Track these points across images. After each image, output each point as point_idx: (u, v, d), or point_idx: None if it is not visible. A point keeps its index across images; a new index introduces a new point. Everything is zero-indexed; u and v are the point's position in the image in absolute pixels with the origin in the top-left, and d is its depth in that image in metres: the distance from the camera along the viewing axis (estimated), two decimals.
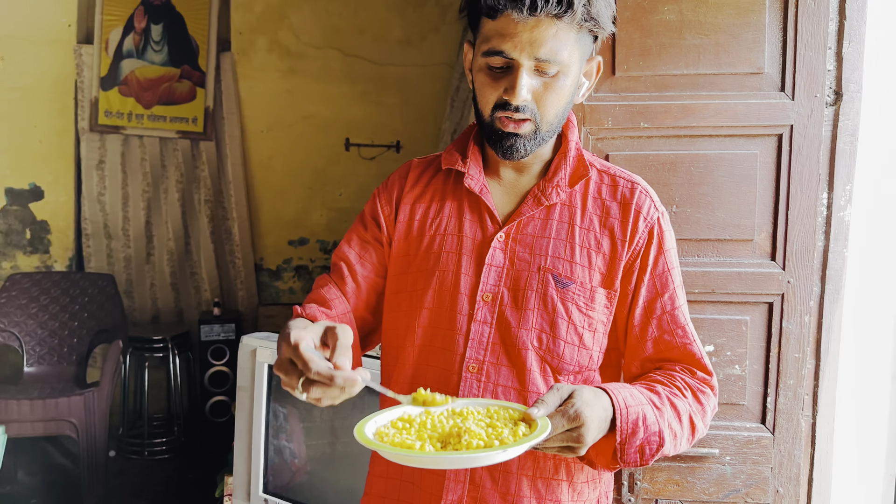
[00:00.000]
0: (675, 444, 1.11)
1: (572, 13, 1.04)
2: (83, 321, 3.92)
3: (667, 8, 1.71)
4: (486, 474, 1.15)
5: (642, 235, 1.17)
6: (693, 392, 1.16)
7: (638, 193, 1.19)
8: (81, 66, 4.27)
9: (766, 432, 1.78)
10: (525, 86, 1.08)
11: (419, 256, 1.23)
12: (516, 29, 1.05)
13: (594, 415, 0.99)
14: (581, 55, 1.11)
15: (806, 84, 1.69)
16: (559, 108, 1.12)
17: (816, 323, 1.76)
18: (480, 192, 1.20)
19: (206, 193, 4.50)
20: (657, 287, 1.18)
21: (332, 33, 4.55)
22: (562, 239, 1.17)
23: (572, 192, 1.19)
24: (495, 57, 1.08)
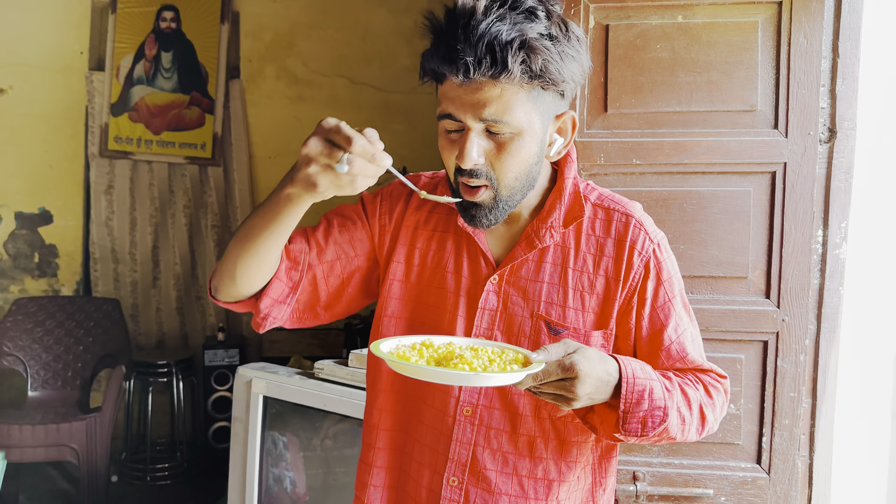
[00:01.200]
0: (683, 428, 1.11)
1: (508, 73, 1.00)
2: (88, 346, 3.94)
3: (659, 46, 1.72)
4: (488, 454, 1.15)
5: (638, 270, 1.15)
6: (705, 386, 1.17)
7: (632, 228, 1.16)
8: (93, 92, 4.34)
9: (762, 472, 1.75)
10: (474, 148, 1.05)
11: (420, 287, 1.21)
12: (458, 92, 1.04)
13: (592, 371, 1.00)
14: (542, 114, 1.07)
15: (799, 121, 1.69)
16: (519, 171, 1.09)
17: (812, 362, 1.74)
18: (474, 232, 1.19)
19: (213, 218, 4.53)
20: (661, 318, 1.16)
21: (340, 61, 4.59)
22: (555, 283, 1.16)
23: (566, 230, 1.17)
24: (446, 120, 1.07)
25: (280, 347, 4.42)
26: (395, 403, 1.23)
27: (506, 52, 0.99)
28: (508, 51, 0.99)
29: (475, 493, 1.15)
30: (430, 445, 1.18)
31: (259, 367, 2.40)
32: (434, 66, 1.05)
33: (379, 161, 0.93)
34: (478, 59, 0.99)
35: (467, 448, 1.16)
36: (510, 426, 1.16)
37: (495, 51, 0.99)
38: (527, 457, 1.15)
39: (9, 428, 3.26)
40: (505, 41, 0.99)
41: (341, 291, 1.24)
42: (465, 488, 1.15)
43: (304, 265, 1.19)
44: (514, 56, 0.99)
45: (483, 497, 1.15)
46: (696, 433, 1.15)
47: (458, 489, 1.16)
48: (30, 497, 3.76)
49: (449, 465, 1.16)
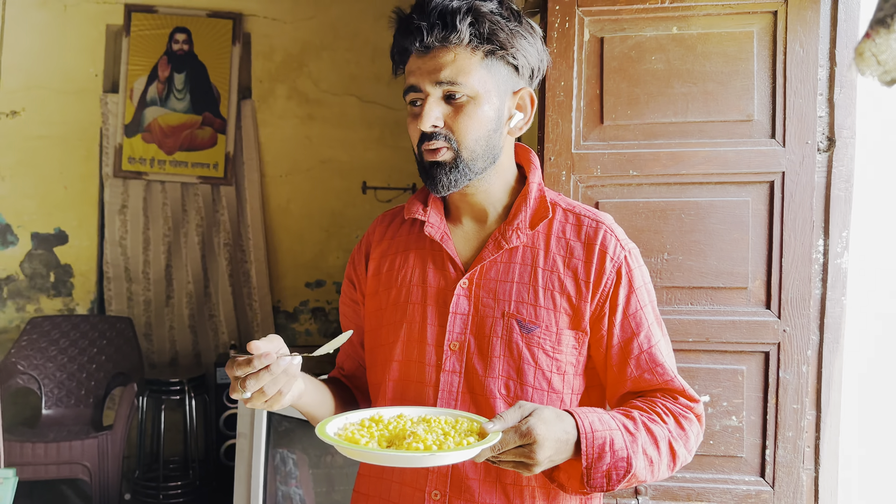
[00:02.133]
0: (652, 470, 1.09)
1: (458, 34, 1.09)
2: (101, 364, 3.97)
3: (654, 57, 1.72)
4: None
5: (610, 276, 1.15)
6: (675, 418, 1.15)
7: (602, 233, 1.17)
8: (107, 114, 4.41)
9: (766, 486, 1.73)
10: (432, 111, 1.11)
11: (388, 310, 1.23)
12: (418, 63, 1.13)
13: (550, 434, 0.99)
14: (497, 84, 1.13)
15: (797, 130, 1.68)
16: (478, 135, 1.13)
17: (816, 373, 1.72)
18: (441, 239, 1.20)
19: (225, 237, 4.57)
20: (632, 327, 1.16)
21: (350, 81, 4.64)
22: (525, 283, 1.16)
23: (535, 233, 1.18)
24: (410, 93, 1.14)
25: None
26: None
27: (455, 16, 1.09)
28: (458, 15, 1.09)
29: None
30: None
31: None
32: (399, 45, 1.15)
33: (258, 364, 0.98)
34: (430, 24, 1.09)
35: None
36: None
37: (445, 16, 1.09)
38: None
39: (21, 446, 3.29)
40: (454, 8, 1.09)
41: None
42: (448, 501, 1.15)
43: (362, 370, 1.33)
44: (463, 19, 1.09)
45: None
46: (668, 470, 1.13)
47: (441, 503, 1.15)
48: None
49: (430, 478, 1.15)
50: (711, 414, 1.74)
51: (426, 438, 0.97)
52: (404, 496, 1.17)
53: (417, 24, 1.10)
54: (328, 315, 4.75)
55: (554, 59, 1.74)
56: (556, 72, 1.74)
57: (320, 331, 4.73)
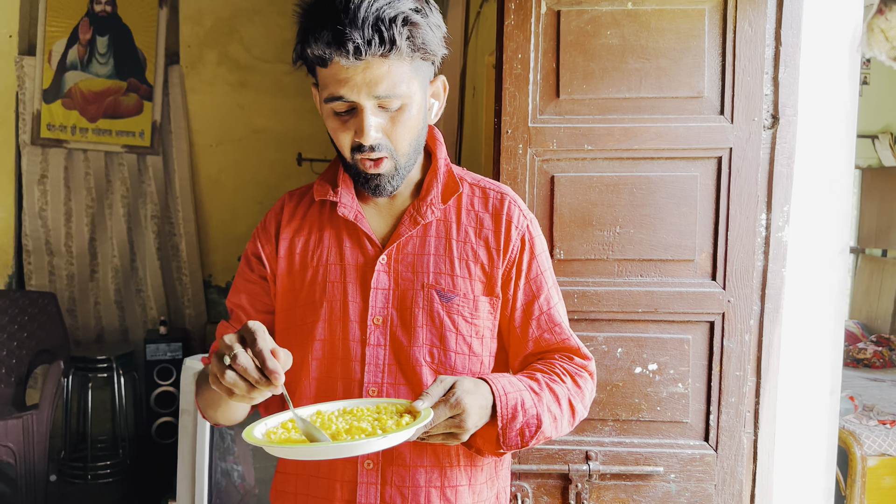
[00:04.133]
0: (556, 426, 1.18)
1: (397, 49, 1.06)
2: (22, 341, 3.79)
3: (609, 32, 1.74)
4: (396, 492, 1.17)
5: (516, 244, 1.23)
6: (572, 377, 1.24)
7: (507, 203, 1.25)
8: (23, 77, 4.16)
9: (710, 449, 1.80)
10: (372, 126, 1.11)
11: (304, 290, 1.23)
12: (348, 73, 1.07)
13: (475, 402, 1.06)
14: (421, 82, 1.15)
15: (744, 108, 1.73)
16: (412, 138, 1.16)
17: (757, 341, 1.80)
18: (355, 218, 1.22)
19: (152, 209, 4.41)
20: (533, 290, 1.25)
21: (283, 47, 4.52)
22: (441, 254, 1.21)
23: (446, 207, 1.24)
24: (336, 102, 1.10)
25: None
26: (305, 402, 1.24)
27: (392, 31, 1.05)
28: (395, 28, 1.05)
29: (391, 472, 1.18)
30: None
31: None
32: (318, 50, 1.06)
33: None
34: (367, 39, 1.04)
35: None
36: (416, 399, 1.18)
37: (381, 30, 1.04)
38: None
39: None
40: (389, 19, 1.05)
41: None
42: (381, 469, 1.18)
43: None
44: (401, 33, 1.06)
45: (400, 474, 1.18)
46: (569, 425, 1.22)
47: (374, 472, 1.18)
48: None
49: None
50: (659, 381, 1.79)
51: (367, 428, 0.98)
52: (335, 470, 1.18)
53: (351, 38, 1.03)
54: None
55: (511, 31, 1.74)
56: (512, 44, 1.74)
57: None
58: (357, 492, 1.17)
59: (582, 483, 1.80)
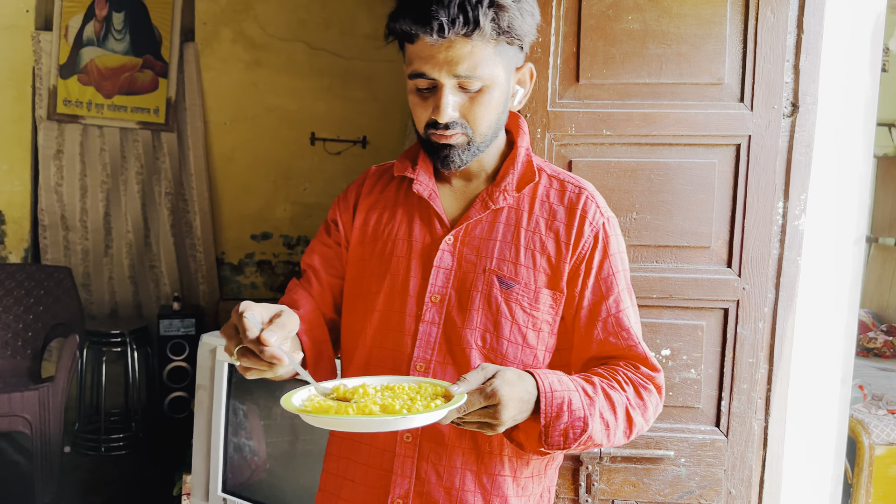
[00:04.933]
0: (608, 434, 1.13)
1: (480, 30, 1.07)
2: (38, 314, 3.84)
3: (631, 17, 1.73)
4: (432, 469, 1.18)
5: (588, 240, 1.20)
6: (635, 387, 1.19)
7: (584, 198, 1.22)
8: (39, 53, 4.17)
9: (720, 435, 1.82)
10: (449, 104, 1.12)
11: (373, 261, 1.26)
12: (431, 51, 1.10)
13: (513, 395, 1.03)
14: (506, 66, 1.15)
15: (764, 95, 1.73)
16: (490, 121, 1.16)
17: (770, 329, 1.81)
18: (429, 197, 1.24)
19: (166, 186, 4.43)
20: (602, 290, 1.21)
21: (299, 26, 4.51)
22: (507, 241, 1.20)
23: (520, 196, 1.23)
24: (419, 79, 1.13)
25: None
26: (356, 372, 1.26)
27: (477, 11, 1.06)
28: (480, 9, 1.06)
29: (429, 448, 1.19)
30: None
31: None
32: (406, 26, 1.10)
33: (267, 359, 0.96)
34: (451, 18, 1.06)
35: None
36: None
37: (467, 10, 1.06)
38: None
39: None
40: (476, 0, 1.06)
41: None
42: (420, 444, 1.19)
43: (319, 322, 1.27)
44: (486, 14, 1.07)
45: (437, 452, 1.18)
46: (624, 436, 1.17)
47: (412, 445, 1.19)
48: None
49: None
50: (672, 367, 1.81)
51: (393, 403, 0.99)
52: (377, 438, 1.21)
53: (436, 16, 1.06)
54: (274, 268, 4.69)
55: None
56: None
57: (266, 284, 4.67)
58: (394, 462, 1.19)
59: (593, 465, 1.82)
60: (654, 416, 1.22)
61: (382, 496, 1.19)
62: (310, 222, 4.64)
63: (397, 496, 1.18)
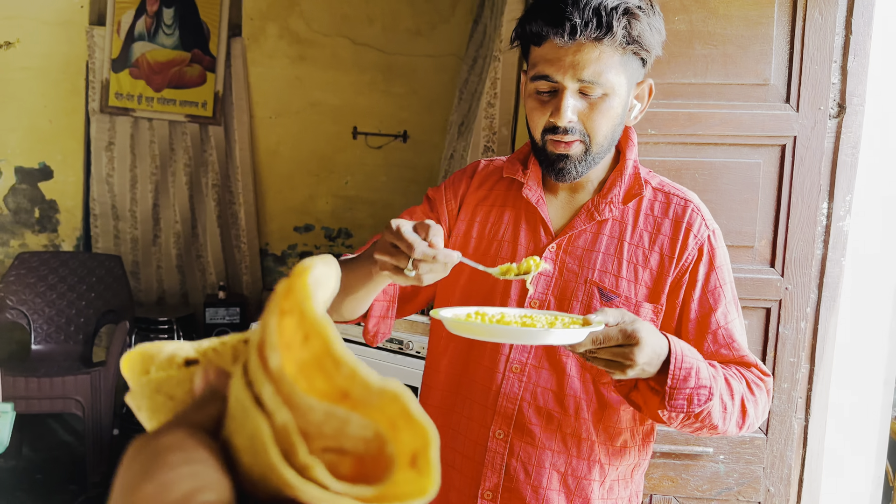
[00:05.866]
0: (725, 417, 1.13)
1: (612, 36, 1.08)
2: (90, 301, 3.97)
3: (677, 18, 1.75)
4: (521, 467, 1.20)
5: (692, 252, 1.20)
6: (748, 382, 1.19)
7: (690, 212, 1.22)
8: (93, 47, 4.30)
9: (760, 433, 1.83)
10: (570, 107, 1.12)
11: (476, 257, 1.27)
12: (559, 53, 1.10)
13: (650, 340, 1.02)
14: (628, 78, 1.15)
15: (810, 96, 1.74)
16: (608, 130, 1.16)
17: (812, 329, 1.81)
18: (537, 203, 1.25)
19: (213, 178, 4.54)
20: (710, 302, 1.20)
21: (342, 21, 4.57)
22: (610, 254, 1.21)
23: (625, 208, 1.23)
24: (541, 81, 1.13)
25: None
26: (450, 365, 1.30)
27: (612, 17, 1.07)
28: (614, 15, 1.07)
29: (519, 447, 1.20)
30: (478, 401, 1.24)
31: None
32: (538, 27, 1.11)
33: (442, 260, 0.99)
34: (585, 21, 1.07)
35: (514, 403, 1.21)
36: (556, 385, 1.20)
37: (601, 14, 1.07)
38: (571, 416, 1.20)
39: (15, 380, 3.31)
40: (611, 6, 1.07)
41: (431, 286, 1.32)
42: (511, 441, 1.21)
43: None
44: (619, 20, 1.08)
45: (527, 451, 1.20)
46: (737, 426, 1.16)
47: (503, 442, 1.21)
48: (33, 448, 3.82)
49: (495, 419, 1.21)
50: None
51: (534, 323, 1.02)
52: (471, 430, 1.23)
53: (571, 18, 1.07)
54: None
55: None
56: None
57: None
58: (485, 456, 1.21)
59: None
60: (764, 415, 1.21)
61: (474, 486, 1.22)
62: (350, 215, 4.71)
63: (487, 489, 1.21)
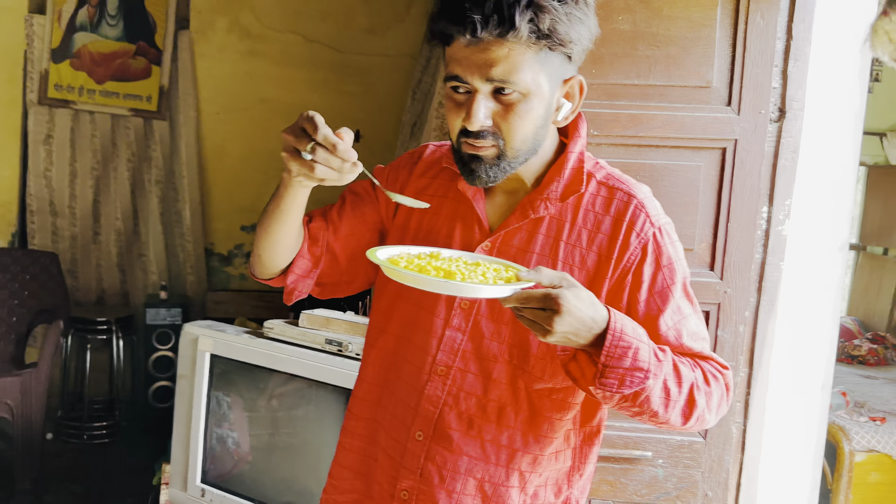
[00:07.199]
0: (667, 404, 1.06)
1: (516, 31, 1.00)
2: (23, 300, 3.82)
3: (621, 18, 1.74)
4: (436, 471, 1.16)
5: (634, 252, 1.13)
6: (703, 373, 1.13)
7: (633, 208, 1.14)
8: (32, 36, 4.15)
9: (699, 438, 1.83)
10: (481, 111, 1.05)
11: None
12: (465, 53, 1.04)
13: (577, 311, 0.97)
14: (549, 76, 1.07)
15: (752, 100, 1.74)
16: (525, 134, 1.08)
17: (751, 333, 1.81)
18: (473, 197, 1.18)
19: (157, 174, 4.41)
20: (657, 303, 1.13)
21: (295, 17, 4.49)
22: (545, 255, 1.15)
23: (564, 205, 1.16)
24: (453, 81, 1.07)
25: (225, 308, 4.36)
26: (378, 358, 1.26)
27: (513, 11, 0.99)
28: (516, 8, 0.99)
29: (436, 451, 1.17)
30: (403, 399, 1.20)
31: (206, 325, 2.37)
32: (442, 26, 1.05)
33: (342, 154, 0.99)
34: (485, 17, 1.00)
35: (435, 406, 1.16)
36: (481, 390, 1.16)
37: (503, 8, 0.99)
38: (493, 422, 1.16)
39: None
40: (512, 0, 1.00)
41: (358, 265, 1.28)
42: (429, 444, 1.17)
43: (324, 242, 1.25)
44: (522, 14, 1.00)
45: (443, 455, 1.16)
46: (682, 417, 1.09)
47: (422, 444, 1.17)
48: None
49: (416, 420, 1.17)
50: None
51: (456, 273, 1.01)
52: (394, 428, 1.20)
53: (470, 15, 1.00)
54: None
55: None
56: None
57: None
58: (404, 457, 1.18)
59: None
60: (718, 409, 1.14)
61: (392, 484, 1.20)
62: None
63: (403, 488, 1.19)
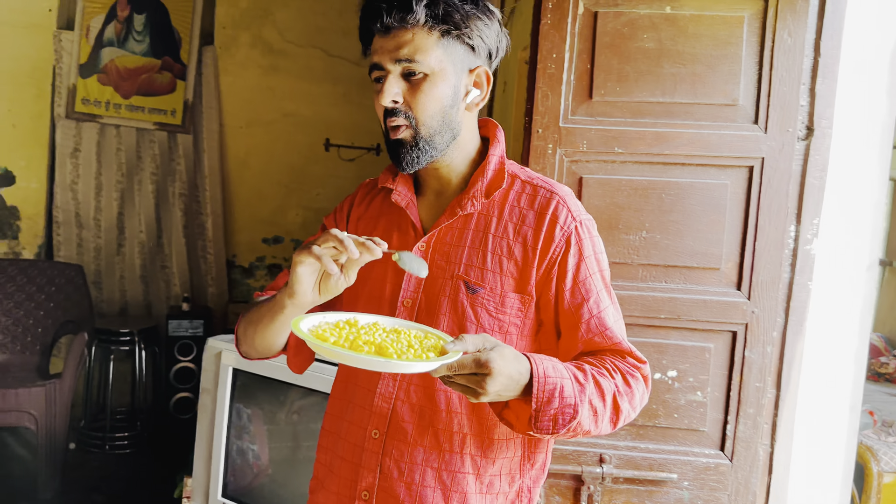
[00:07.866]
0: (596, 420, 1.16)
1: (413, 14, 1.15)
2: (49, 311, 3.86)
3: (646, 36, 1.73)
4: (394, 465, 1.22)
5: (559, 244, 1.22)
6: (622, 374, 1.21)
7: (555, 203, 1.24)
8: (60, 52, 4.21)
9: (725, 459, 1.80)
10: (393, 87, 1.17)
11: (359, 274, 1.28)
12: (381, 43, 1.19)
13: (505, 370, 1.05)
14: (455, 62, 1.20)
15: (779, 118, 1.72)
16: (434, 111, 1.20)
17: (779, 353, 1.79)
18: (406, 206, 1.29)
19: (180, 187, 4.45)
20: (581, 292, 1.23)
21: (316, 33, 4.53)
22: (476, 247, 1.24)
23: (490, 202, 1.26)
24: (374, 72, 1.20)
25: None
26: (341, 371, 1.36)
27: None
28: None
29: (392, 445, 1.23)
30: (359, 404, 1.27)
31: (229, 339, 2.37)
32: (362, 27, 1.21)
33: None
34: (388, 6, 1.16)
35: (388, 402, 1.24)
36: (428, 381, 1.23)
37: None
38: (443, 410, 1.23)
39: None
40: None
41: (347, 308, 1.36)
42: (385, 440, 1.24)
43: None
44: (418, 1, 1.15)
45: (399, 448, 1.23)
46: (610, 424, 1.19)
47: (378, 441, 1.24)
48: None
49: (372, 419, 1.25)
50: (678, 388, 1.79)
51: (388, 347, 1.03)
52: (351, 433, 1.28)
53: (377, 5, 1.16)
54: None
55: (547, 31, 1.73)
56: (548, 43, 1.73)
57: None
58: (362, 457, 1.24)
59: (594, 485, 1.80)
60: (641, 404, 1.24)
61: (352, 488, 1.25)
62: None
63: (363, 488, 1.24)
